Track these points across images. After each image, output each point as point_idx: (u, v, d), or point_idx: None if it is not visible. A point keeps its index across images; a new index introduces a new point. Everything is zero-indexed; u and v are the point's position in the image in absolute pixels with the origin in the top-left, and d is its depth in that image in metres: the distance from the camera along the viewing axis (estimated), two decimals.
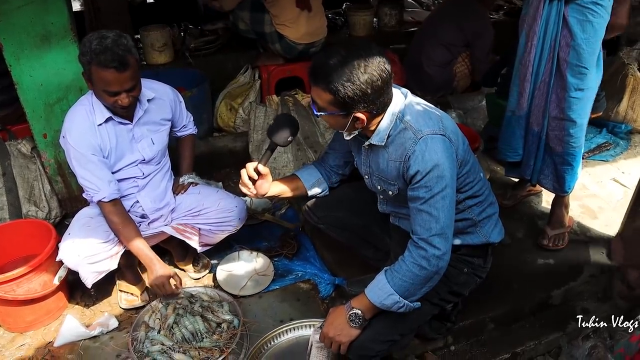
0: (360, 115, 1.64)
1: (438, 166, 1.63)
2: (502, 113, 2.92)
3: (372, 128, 1.74)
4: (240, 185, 1.95)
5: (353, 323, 1.75)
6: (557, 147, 2.42)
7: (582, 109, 2.34)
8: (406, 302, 1.70)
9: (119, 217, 2.13)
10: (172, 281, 2.16)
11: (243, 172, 1.91)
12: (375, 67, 1.58)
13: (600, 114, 3.14)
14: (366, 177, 1.96)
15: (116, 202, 2.14)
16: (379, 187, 1.90)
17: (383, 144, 1.75)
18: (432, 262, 1.66)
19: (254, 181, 1.93)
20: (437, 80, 3.84)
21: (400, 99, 1.74)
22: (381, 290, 1.71)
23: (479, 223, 1.90)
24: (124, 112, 2.11)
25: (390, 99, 1.70)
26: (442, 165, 1.63)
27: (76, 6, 5.43)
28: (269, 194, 2.05)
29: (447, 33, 3.73)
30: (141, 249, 2.14)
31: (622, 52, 3.89)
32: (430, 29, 3.84)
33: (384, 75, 1.60)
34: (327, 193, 2.21)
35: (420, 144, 1.65)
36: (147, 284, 2.21)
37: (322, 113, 1.68)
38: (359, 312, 1.75)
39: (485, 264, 2.00)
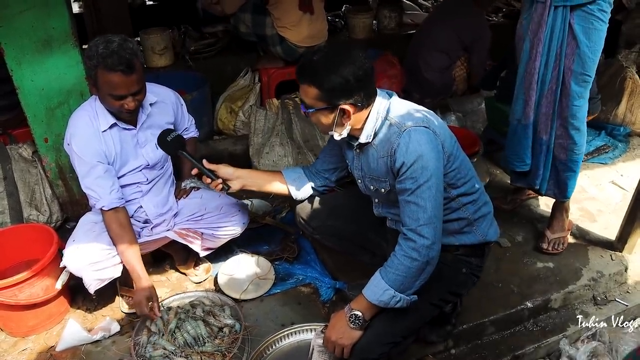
0: (346, 107, 1.71)
1: (422, 157, 1.66)
2: (501, 117, 2.95)
3: (359, 127, 1.79)
4: (213, 187, 2.05)
5: (353, 324, 1.77)
6: (560, 154, 2.43)
7: (583, 116, 2.35)
8: (402, 295, 1.72)
9: (117, 226, 2.13)
10: (152, 304, 2.13)
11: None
12: (356, 59, 1.68)
13: (595, 115, 3.16)
14: (359, 181, 1.99)
15: (118, 210, 2.13)
16: (371, 188, 1.92)
17: (370, 140, 1.80)
18: (422, 252, 1.68)
19: (214, 176, 2.03)
20: (436, 85, 3.83)
21: (385, 99, 1.80)
22: (376, 287, 1.74)
23: (475, 222, 1.91)
24: (129, 116, 2.12)
25: (374, 93, 1.78)
26: (426, 155, 1.67)
27: (75, 8, 5.43)
28: (246, 180, 2.10)
29: (443, 39, 3.70)
30: (133, 264, 2.13)
31: (620, 55, 3.92)
32: (427, 34, 3.82)
33: (366, 66, 1.69)
34: (311, 194, 2.22)
35: (404, 136, 1.70)
36: (133, 301, 2.21)
37: (311, 110, 1.75)
38: (359, 313, 1.77)
39: (482, 264, 2.02)
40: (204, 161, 2.04)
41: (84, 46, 2.59)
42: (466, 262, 1.95)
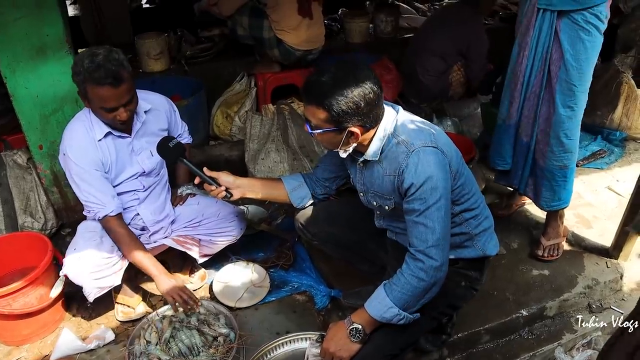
0: (354, 129, 1.67)
1: (431, 178, 1.65)
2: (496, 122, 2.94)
3: (366, 144, 1.76)
4: (214, 195, 2.05)
5: (354, 338, 1.77)
6: (540, 160, 2.46)
7: (570, 129, 2.35)
8: (406, 314, 1.72)
9: (124, 232, 2.15)
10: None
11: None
12: (367, 80, 1.63)
13: None
14: (361, 194, 1.97)
15: (120, 216, 2.16)
16: (374, 203, 1.91)
17: (377, 159, 1.77)
18: (430, 273, 1.68)
19: (216, 184, 2.02)
20: (433, 90, 3.83)
21: (392, 114, 1.77)
22: (380, 304, 1.73)
23: (476, 237, 1.91)
24: (123, 126, 2.11)
25: (382, 113, 1.74)
26: (436, 176, 1.65)
27: (71, 11, 5.41)
28: (247, 189, 2.08)
29: (440, 44, 3.70)
30: (148, 265, 2.15)
31: (616, 60, 3.91)
32: (424, 39, 3.82)
33: (375, 88, 1.65)
34: (311, 201, 2.20)
35: (412, 157, 1.67)
36: (162, 294, 2.22)
37: (317, 131, 1.71)
38: (359, 326, 1.76)
39: (481, 277, 2.02)
40: (205, 169, 2.02)
41: (80, 50, 2.58)
42: (465, 276, 1.96)
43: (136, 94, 2.08)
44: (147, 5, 5.92)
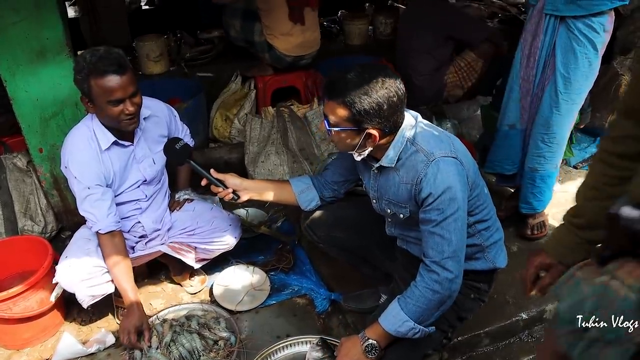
0: (373, 131, 1.65)
1: (450, 189, 1.63)
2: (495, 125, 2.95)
3: (382, 150, 1.75)
4: (222, 197, 2.05)
5: (369, 354, 1.77)
6: None
7: (547, 134, 2.40)
8: (421, 327, 1.72)
9: (112, 250, 2.11)
10: (144, 333, 2.09)
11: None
12: (392, 83, 1.62)
13: (583, 126, 3.20)
14: (374, 201, 1.94)
15: (114, 234, 2.12)
16: (388, 211, 1.88)
17: (393, 165, 1.75)
18: (445, 285, 1.67)
19: (224, 186, 2.02)
20: (428, 91, 3.78)
21: (411, 121, 1.75)
22: (395, 318, 1.73)
23: (487, 249, 1.89)
24: (130, 123, 2.05)
25: (402, 120, 1.71)
26: (455, 187, 1.64)
27: (70, 13, 5.40)
28: (254, 191, 2.08)
29: (424, 41, 3.63)
30: (125, 289, 2.11)
31: (615, 62, 3.91)
32: (407, 40, 3.77)
33: (400, 92, 1.63)
34: (319, 204, 2.17)
35: (432, 166, 1.66)
36: (119, 326, 2.16)
37: (335, 128, 1.68)
38: (375, 342, 1.76)
39: (489, 289, 2.02)
40: (212, 170, 2.02)
41: (79, 52, 2.59)
42: (475, 288, 1.95)
43: (140, 91, 2.06)
44: (147, 7, 5.91)
